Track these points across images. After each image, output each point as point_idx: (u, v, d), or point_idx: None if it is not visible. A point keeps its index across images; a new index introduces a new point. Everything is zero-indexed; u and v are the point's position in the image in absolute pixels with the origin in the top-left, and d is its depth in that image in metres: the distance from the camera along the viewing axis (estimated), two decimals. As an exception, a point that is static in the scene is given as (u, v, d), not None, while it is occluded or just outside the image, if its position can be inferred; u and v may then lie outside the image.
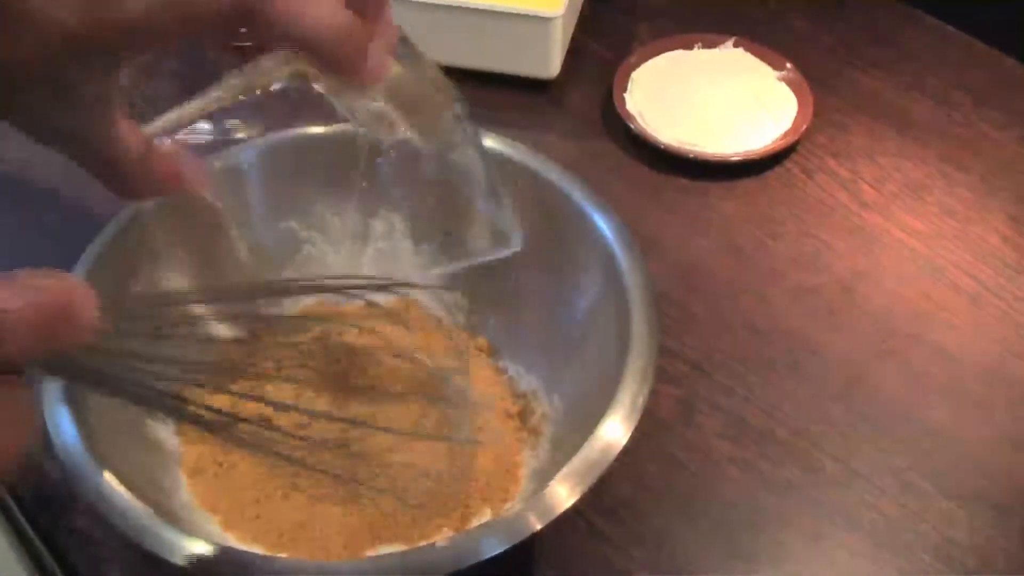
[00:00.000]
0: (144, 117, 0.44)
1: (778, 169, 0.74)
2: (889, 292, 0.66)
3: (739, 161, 0.73)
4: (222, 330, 0.52)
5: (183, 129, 0.45)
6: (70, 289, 0.31)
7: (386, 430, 0.50)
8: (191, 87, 0.44)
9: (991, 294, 0.65)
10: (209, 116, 0.54)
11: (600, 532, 0.54)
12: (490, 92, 0.78)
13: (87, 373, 0.36)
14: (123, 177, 0.44)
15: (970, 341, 0.63)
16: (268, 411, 0.51)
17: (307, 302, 0.57)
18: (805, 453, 0.58)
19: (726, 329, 0.64)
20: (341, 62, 0.40)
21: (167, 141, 0.45)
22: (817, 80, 0.78)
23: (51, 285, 0.30)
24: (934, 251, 0.68)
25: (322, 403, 0.52)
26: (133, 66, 0.41)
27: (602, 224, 0.53)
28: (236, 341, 0.54)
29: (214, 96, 0.44)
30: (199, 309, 0.44)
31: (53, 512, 0.54)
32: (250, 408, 0.52)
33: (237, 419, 0.51)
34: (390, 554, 0.44)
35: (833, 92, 0.79)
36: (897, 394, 0.60)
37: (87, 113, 0.41)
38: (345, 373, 0.52)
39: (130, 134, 0.43)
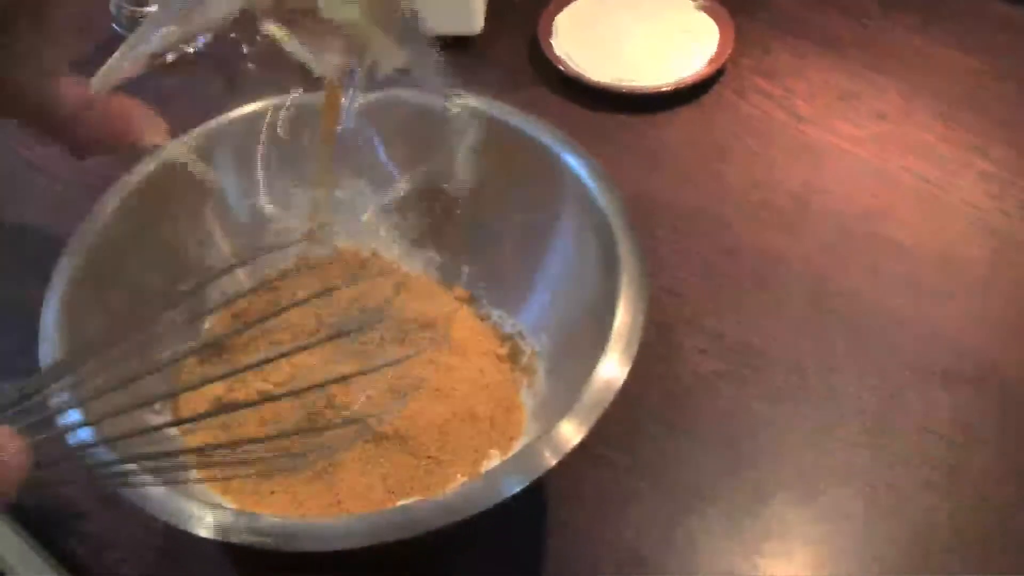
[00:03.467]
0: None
1: (711, 95, 0.75)
2: (839, 198, 0.68)
3: (671, 91, 0.74)
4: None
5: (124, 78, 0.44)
6: None
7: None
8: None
9: (935, 187, 0.68)
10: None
11: (606, 459, 0.55)
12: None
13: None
14: (66, 132, 0.43)
15: (922, 234, 0.65)
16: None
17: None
18: (786, 359, 0.59)
19: (690, 252, 0.65)
20: None
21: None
22: (734, 6, 0.79)
23: None
24: (874, 154, 0.71)
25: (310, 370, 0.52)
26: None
27: (570, 159, 0.54)
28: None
29: (156, 41, 0.42)
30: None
31: (60, 521, 0.53)
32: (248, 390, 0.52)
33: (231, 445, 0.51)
34: (419, 502, 0.44)
35: (750, 16, 0.80)
36: (862, 291, 0.63)
37: (20, 69, 0.40)
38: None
39: (69, 89, 0.42)
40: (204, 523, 0.41)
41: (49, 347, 0.47)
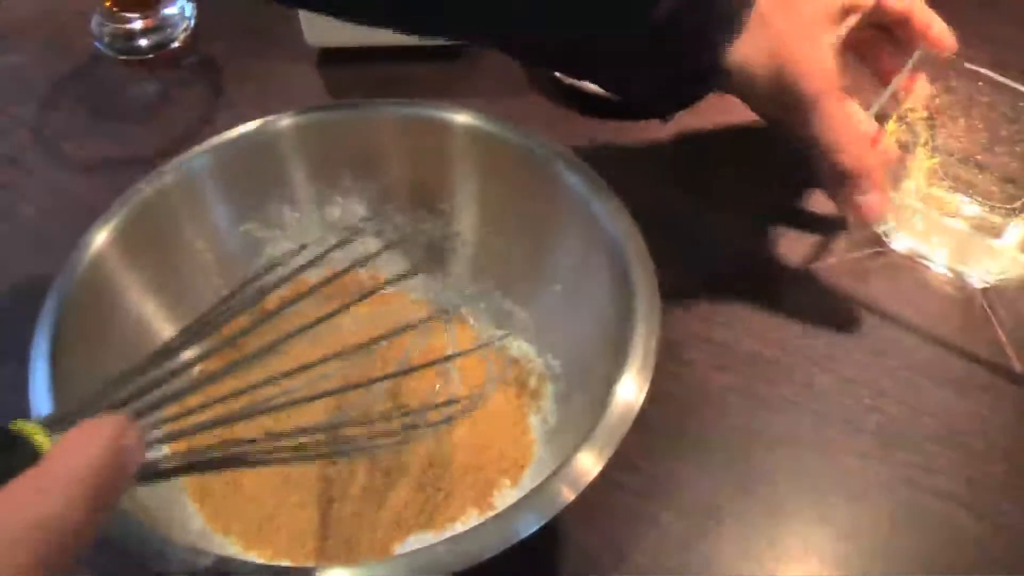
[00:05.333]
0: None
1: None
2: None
3: (668, 94, 0.73)
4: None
5: None
6: (119, 450, 0.30)
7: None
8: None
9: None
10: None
11: (618, 482, 0.53)
12: (407, 68, 0.77)
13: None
14: None
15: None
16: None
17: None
18: (797, 368, 0.58)
19: (693, 261, 0.64)
20: None
21: None
22: None
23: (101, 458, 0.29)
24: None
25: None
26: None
27: (571, 175, 0.53)
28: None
29: None
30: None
31: None
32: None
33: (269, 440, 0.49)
34: (432, 547, 0.42)
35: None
36: (869, 297, 0.61)
37: None
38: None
39: None
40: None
41: (42, 385, 0.46)
